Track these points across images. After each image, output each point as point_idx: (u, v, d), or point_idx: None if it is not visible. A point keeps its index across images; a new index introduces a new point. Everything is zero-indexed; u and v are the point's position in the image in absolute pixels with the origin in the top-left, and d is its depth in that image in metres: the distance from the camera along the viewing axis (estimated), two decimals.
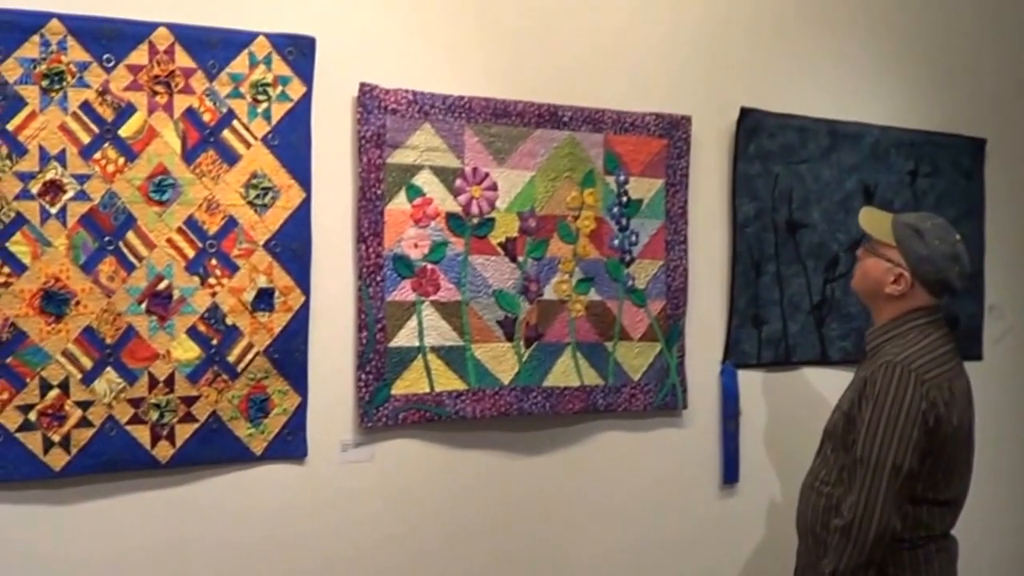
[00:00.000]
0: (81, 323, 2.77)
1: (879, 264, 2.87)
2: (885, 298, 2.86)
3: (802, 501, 2.95)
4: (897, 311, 2.85)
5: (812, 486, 2.90)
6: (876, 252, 2.89)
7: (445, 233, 3.22)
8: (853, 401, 2.77)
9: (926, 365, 2.72)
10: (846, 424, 2.79)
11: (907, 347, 2.76)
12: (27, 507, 2.76)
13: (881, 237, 2.88)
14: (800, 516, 2.95)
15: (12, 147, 2.70)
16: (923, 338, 2.79)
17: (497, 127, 3.29)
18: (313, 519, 3.10)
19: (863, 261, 2.94)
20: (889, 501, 2.64)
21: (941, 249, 2.80)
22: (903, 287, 2.82)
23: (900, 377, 2.68)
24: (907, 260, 2.82)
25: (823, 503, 2.83)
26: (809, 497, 2.90)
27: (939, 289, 2.83)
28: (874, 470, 2.64)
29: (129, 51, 2.82)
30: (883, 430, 2.66)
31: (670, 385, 3.61)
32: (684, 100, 3.64)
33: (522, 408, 3.34)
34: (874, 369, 2.74)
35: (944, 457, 2.73)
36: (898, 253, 2.83)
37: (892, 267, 2.84)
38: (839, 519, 2.68)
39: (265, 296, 2.97)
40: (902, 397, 2.66)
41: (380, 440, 3.19)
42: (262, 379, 2.98)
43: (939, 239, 2.81)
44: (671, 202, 3.59)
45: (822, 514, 2.83)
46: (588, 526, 3.55)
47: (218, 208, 2.92)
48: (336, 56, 3.07)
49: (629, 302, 3.52)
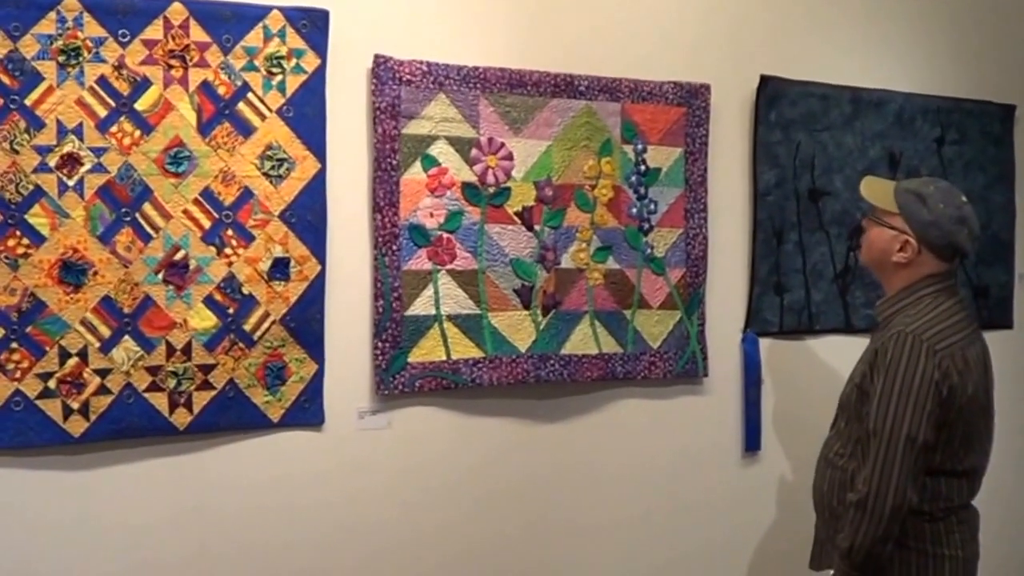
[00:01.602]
0: (99, 293, 2.78)
1: (884, 233, 2.79)
2: (893, 267, 2.78)
3: (818, 475, 2.87)
4: (907, 279, 2.76)
5: (827, 459, 2.84)
6: (880, 221, 2.81)
7: (461, 202, 3.19)
8: (865, 373, 2.68)
9: (939, 335, 2.64)
10: (859, 396, 2.71)
11: (919, 316, 2.67)
12: (47, 473, 2.78)
13: (884, 205, 2.80)
14: (816, 490, 2.88)
15: (30, 121, 2.71)
16: (935, 307, 2.71)
17: (512, 97, 3.24)
18: (330, 485, 3.10)
19: (868, 232, 2.87)
20: (904, 473, 2.56)
21: (947, 212, 2.71)
22: (910, 254, 2.74)
23: (912, 347, 2.60)
24: (911, 226, 2.73)
25: (838, 477, 2.76)
26: (825, 471, 2.83)
27: (948, 253, 2.74)
28: (887, 442, 2.55)
29: (144, 26, 2.82)
30: (896, 401, 2.58)
31: (690, 353, 3.55)
32: (703, 68, 3.57)
33: (539, 376, 3.31)
34: (885, 340, 2.66)
35: (960, 427, 2.65)
36: (902, 220, 2.75)
37: (897, 235, 2.75)
38: (854, 493, 2.60)
39: (281, 265, 2.96)
40: (914, 368, 2.58)
41: (397, 408, 3.17)
42: (279, 347, 2.97)
43: (943, 203, 2.72)
44: (690, 170, 3.53)
45: (838, 488, 2.76)
46: (607, 494, 3.52)
47: (234, 179, 2.91)
48: (350, 28, 3.04)
49: (648, 270, 3.47)
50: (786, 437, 3.74)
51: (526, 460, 3.38)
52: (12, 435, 2.73)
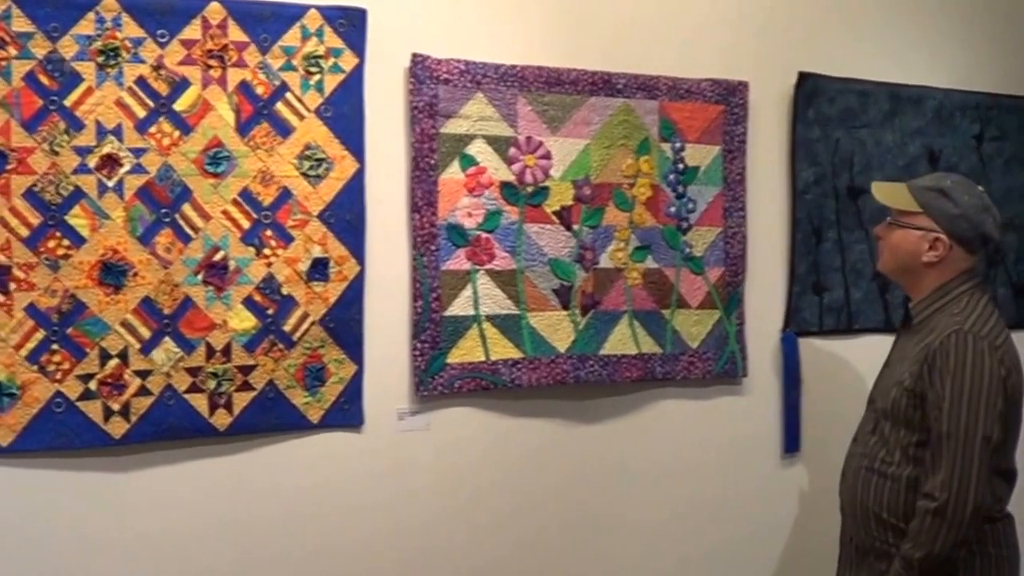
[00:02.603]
0: (139, 294, 2.75)
1: (909, 235, 2.70)
2: (923, 268, 2.70)
3: (861, 485, 2.74)
4: (940, 278, 2.70)
5: (873, 468, 2.70)
6: (902, 224, 2.73)
7: (499, 202, 3.14)
8: (918, 375, 2.58)
9: (992, 331, 2.58)
10: (910, 400, 2.60)
11: (967, 314, 2.60)
12: (88, 474, 2.76)
13: (905, 207, 2.71)
14: (856, 502, 2.75)
15: (70, 122, 2.68)
16: (976, 304, 2.65)
17: (550, 96, 3.20)
18: (369, 487, 3.06)
19: (889, 237, 2.78)
20: (983, 475, 2.48)
21: (971, 203, 2.65)
22: (942, 251, 2.67)
23: (975, 345, 2.53)
24: (940, 223, 2.66)
25: (889, 486, 2.65)
26: (869, 480, 2.71)
27: (978, 244, 2.68)
28: (964, 444, 2.46)
29: (182, 26, 2.79)
30: (968, 402, 2.49)
31: (729, 353, 3.49)
32: (741, 65, 3.51)
33: (578, 376, 3.26)
34: (942, 340, 2.56)
35: (1013, 426, 2.60)
36: (927, 219, 2.67)
37: (925, 234, 2.68)
38: (928, 501, 2.48)
39: (320, 266, 2.93)
40: (981, 366, 2.51)
41: (436, 409, 3.13)
42: (318, 348, 2.93)
43: (967, 194, 2.66)
44: (728, 169, 3.47)
45: (889, 497, 2.64)
46: (646, 495, 3.47)
47: (272, 180, 2.87)
48: (387, 27, 3.00)
49: (687, 270, 3.41)
50: (826, 438, 3.66)
51: (565, 461, 3.33)
52: (53, 437, 2.70)
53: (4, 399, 2.65)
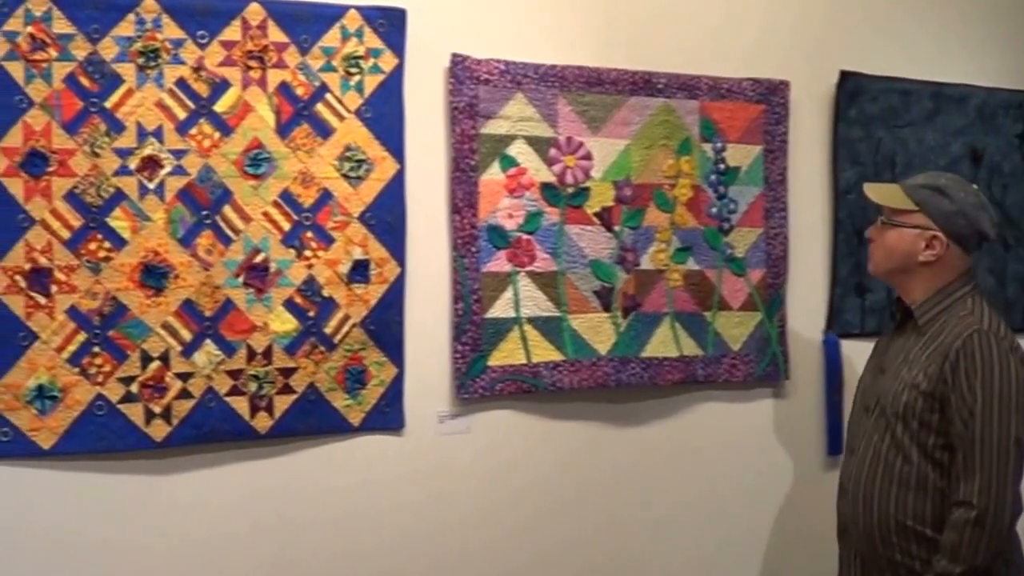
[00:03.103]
0: (180, 296, 2.71)
1: (905, 234, 2.60)
2: (919, 268, 2.60)
3: (877, 497, 2.57)
4: (938, 280, 2.61)
5: (892, 478, 2.54)
6: (897, 223, 2.62)
7: (540, 203, 3.09)
8: (937, 377, 2.46)
9: (1007, 332, 2.51)
10: (927, 403, 2.48)
11: (979, 315, 2.52)
12: (129, 477, 2.73)
13: (900, 205, 2.61)
14: (873, 515, 2.58)
15: (110, 124, 2.65)
16: (982, 305, 2.57)
17: (591, 95, 3.14)
18: (410, 490, 3.01)
19: (882, 238, 2.66)
20: (1019, 479, 2.40)
21: (968, 200, 2.57)
22: (939, 250, 2.57)
23: (998, 346, 2.45)
24: (936, 220, 2.56)
25: (914, 494, 2.51)
26: (888, 491, 2.54)
27: (975, 242, 2.60)
28: (998, 449, 2.36)
29: (222, 27, 2.75)
30: (1000, 404, 2.40)
31: (771, 355, 3.43)
32: (782, 64, 3.45)
33: (620, 379, 3.20)
34: (964, 339, 2.46)
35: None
36: (923, 216, 2.57)
37: (921, 232, 2.58)
38: (966, 509, 2.36)
39: (360, 268, 2.88)
40: (1007, 366, 2.43)
41: (477, 411, 3.08)
42: (359, 350, 2.89)
43: (962, 191, 2.59)
44: (770, 169, 3.41)
45: (915, 506, 2.50)
46: (687, 498, 3.40)
47: (312, 181, 2.83)
48: (427, 27, 2.96)
49: (728, 271, 3.35)
50: None
51: (606, 464, 3.27)
52: (95, 440, 2.66)
53: (46, 401, 2.62)
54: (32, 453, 2.62)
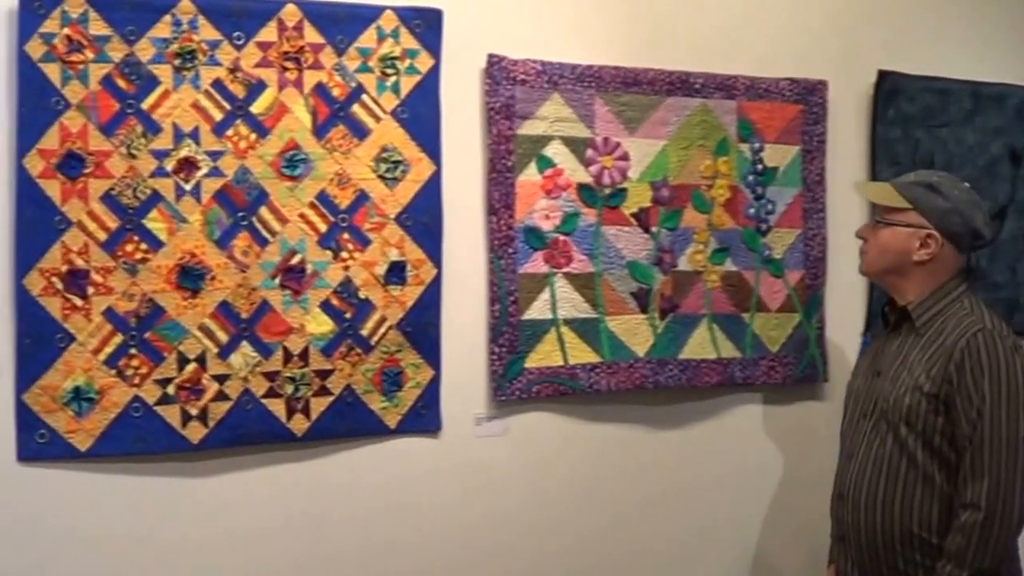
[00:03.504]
0: (217, 298, 2.62)
1: (898, 232, 2.47)
2: (913, 268, 2.47)
3: (881, 503, 2.42)
4: (933, 280, 2.47)
5: (897, 482, 2.40)
6: (890, 221, 2.49)
7: (577, 204, 2.98)
8: (941, 378, 2.33)
9: (1008, 331, 2.38)
10: (931, 404, 2.34)
11: (979, 314, 2.39)
12: (165, 479, 2.64)
13: (893, 203, 2.48)
14: (876, 522, 2.44)
15: (147, 125, 2.57)
16: (979, 305, 2.44)
17: (627, 96, 3.03)
18: (447, 492, 2.91)
19: (876, 236, 2.53)
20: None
21: (962, 198, 2.44)
22: (933, 248, 2.44)
23: (1002, 345, 2.31)
24: (931, 218, 2.43)
25: (922, 500, 2.37)
26: (893, 496, 2.40)
27: (969, 240, 2.47)
28: (1006, 449, 2.23)
29: (258, 28, 2.66)
30: (1008, 404, 2.27)
31: (810, 357, 3.29)
32: (819, 64, 3.32)
33: (657, 381, 3.08)
34: (967, 338, 2.31)
35: None
36: (917, 215, 2.45)
37: (915, 231, 2.44)
38: (973, 512, 2.24)
39: (397, 270, 2.78)
40: (1013, 366, 2.29)
41: (513, 414, 2.97)
42: (395, 352, 2.78)
43: (955, 188, 2.46)
44: (808, 169, 3.28)
45: (923, 512, 2.37)
46: (725, 500, 3.29)
47: (349, 182, 2.73)
48: (463, 27, 2.86)
49: (766, 272, 3.22)
50: None
51: (643, 466, 3.16)
52: (132, 442, 2.58)
53: (83, 403, 2.53)
54: (69, 455, 2.54)
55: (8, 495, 2.51)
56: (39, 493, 2.53)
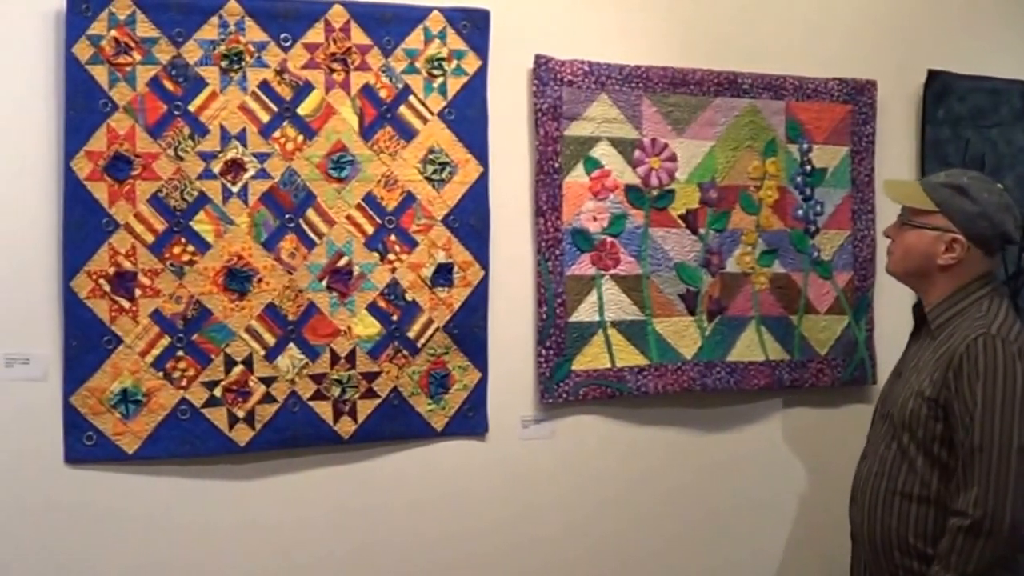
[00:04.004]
0: (264, 300, 2.50)
1: (924, 235, 2.29)
2: (938, 271, 2.29)
3: (881, 509, 2.27)
4: (956, 283, 2.28)
5: (895, 489, 2.25)
6: (916, 223, 2.31)
7: (624, 206, 2.83)
8: (941, 383, 2.16)
9: (1020, 336, 2.17)
10: (931, 411, 2.18)
11: (991, 317, 2.19)
12: (213, 481, 2.53)
13: (919, 205, 2.30)
14: (876, 528, 2.29)
15: (194, 127, 2.45)
16: (999, 308, 2.23)
17: (675, 97, 2.88)
18: (493, 495, 2.78)
19: (901, 238, 2.35)
20: (1021, 489, 2.07)
21: (991, 200, 2.24)
22: (959, 253, 2.25)
23: (1004, 350, 2.12)
24: (957, 222, 2.24)
25: (916, 508, 2.21)
26: (891, 503, 2.25)
27: (997, 245, 2.28)
28: (998, 456, 2.05)
29: (305, 30, 2.55)
30: (1002, 410, 2.08)
31: (859, 359, 3.13)
32: (868, 64, 3.16)
33: (705, 384, 2.93)
34: (968, 343, 2.13)
35: None
36: (943, 218, 2.26)
37: (941, 234, 2.26)
38: (959, 519, 2.08)
39: (444, 271, 2.65)
40: (1012, 371, 2.10)
41: (560, 416, 2.84)
42: (442, 355, 2.65)
43: (986, 191, 2.26)
44: (856, 170, 3.11)
45: (916, 521, 2.21)
46: (773, 503, 3.14)
47: (396, 184, 2.61)
48: (510, 28, 2.73)
49: (815, 274, 3.06)
50: None
51: (690, 469, 3.02)
52: (178, 444, 2.47)
53: (130, 406, 2.43)
54: (116, 457, 2.44)
55: (56, 497, 2.41)
56: (86, 495, 2.43)
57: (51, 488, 2.40)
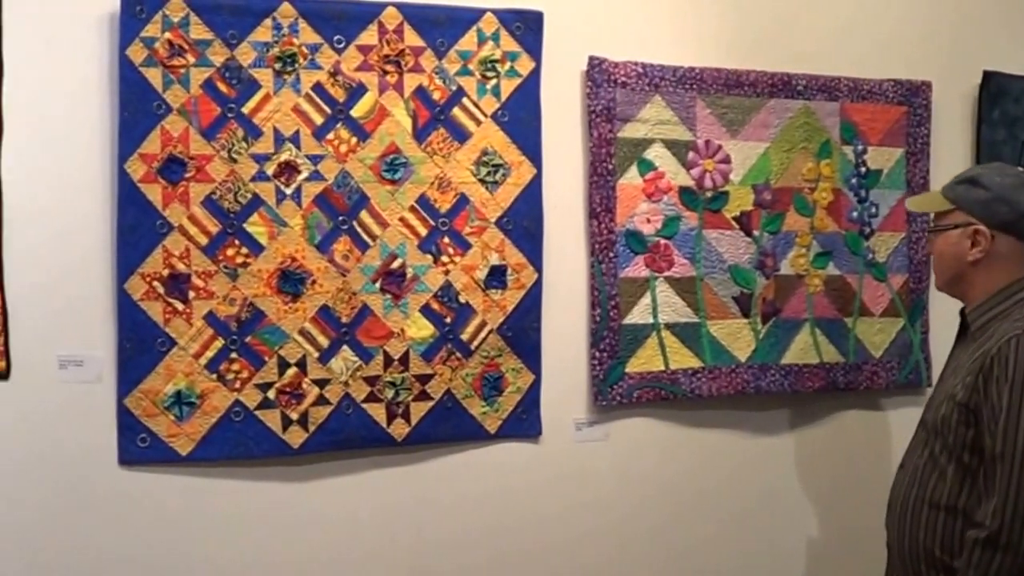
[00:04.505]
0: (317, 302, 2.25)
1: (949, 236, 1.98)
2: (972, 270, 1.96)
3: (910, 519, 1.95)
4: (994, 281, 1.94)
5: (924, 499, 1.93)
6: (940, 227, 2.02)
7: (678, 208, 2.54)
8: (972, 387, 1.84)
9: None
10: (961, 416, 1.86)
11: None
12: (266, 484, 2.28)
13: (938, 208, 2.02)
14: (905, 539, 1.97)
15: (248, 129, 2.21)
16: None
17: (729, 98, 2.58)
18: (548, 498, 2.51)
19: (933, 248, 2.06)
20: None
21: (1005, 183, 1.92)
22: (985, 244, 1.93)
23: None
24: (974, 212, 1.94)
25: (943, 520, 1.89)
26: (920, 513, 1.93)
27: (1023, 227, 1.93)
28: (1020, 465, 1.74)
29: (359, 32, 2.29)
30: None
31: (913, 362, 2.79)
32: (923, 65, 2.83)
33: (759, 386, 2.62)
34: (1000, 346, 1.81)
35: None
36: (962, 213, 1.96)
37: (963, 230, 1.95)
38: (976, 530, 1.78)
39: (497, 274, 2.39)
40: None
41: (614, 419, 2.55)
42: (495, 357, 2.38)
43: (998, 175, 1.94)
44: (912, 172, 2.78)
45: (943, 533, 1.88)
46: (828, 505, 2.82)
47: (449, 186, 2.34)
48: (564, 30, 2.46)
49: (869, 276, 2.74)
50: None
51: (745, 472, 2.72)
52: (232, 446, 2.22)
53: (184, 408, 2.18)
54: (169, 459, 2.20)
55: (109, 498, 2.18)
56: (140, 496, 2.19)
57: (105, 489, 2.17)
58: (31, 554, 2.12)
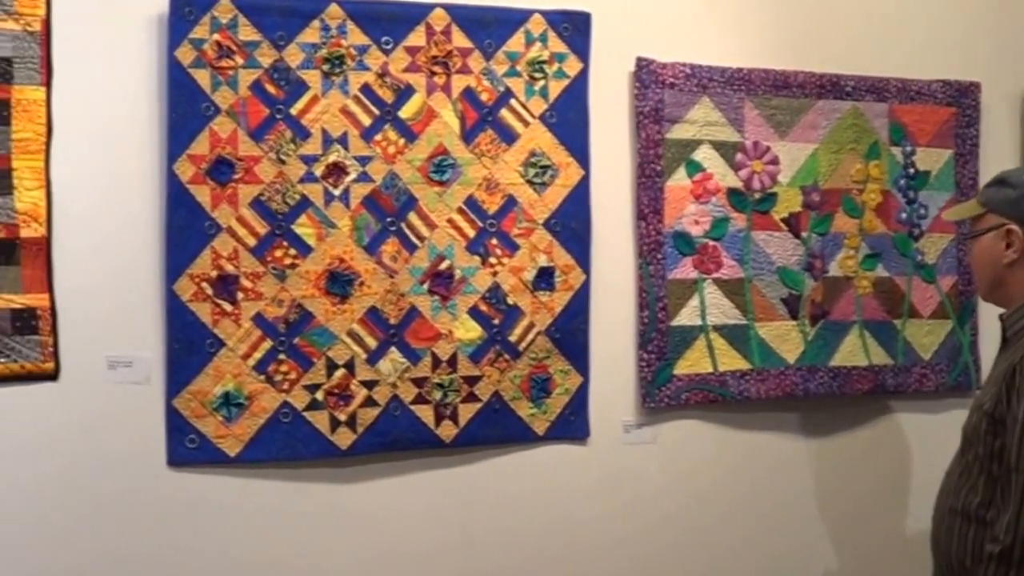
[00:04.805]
0: (365, 304, 2.10)
1: (984, 240, 1.84)
2: (1008, 273, 1.80)
3: (944, 530, 1.81)
4: None
5: (957, 510, 1.77)
6: (974, 232, 1.88)
7: (726, 209, 2.37)
8: (998, 397, 1.69)
9: None
10: (990, 426, 1.70)
11: None
12: (315, 485, 2.14)
13: (971, 213, 1.88)
14: (941, 550, 1.82)
15: (296, 131, 2.06)
16: None
17: (778, 99, 2.40)
18: (596, 500, 2.34)
19: (972, 256, 1.93)
20: None
21: None
22: (1018, 244, 1.77)
23: None
24: (1005, 213, 1.79)
25: (974, 531, 1.72)
26: (953, 524, 1.78)
27: None
28: None
29: (407, 33, 2.15)
30: None
31: (963, 364, 2.59)
32: (973, 65, 2.64)
33: (808, 389, 2.43)
34: (1023, 354, 1.66)
35: None
36: (994, 215, 1.81)
37: (997, 231, 1.80)
38: (993, 544, 1.63)
39: (545, 275, 2.23)
40: None
41: (662, 421, 2.38)
42: (543, 359, 2.22)
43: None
44: (961, 173, 2.58)
45: (974, 544, 1.72)
46: (876, 509, 2.63)
47: (497, 187, 2.19)
48: (612, 31, 2.29)
49: (918, 278, 2.54)
50: None
51: (794, 475, 2.54)
52: (280, 447, 2.08)
53: (232, 409, 2.04)
54: (218, 460, 2.06)
55: (158, 499, 2.04)
56: (189, 497, 2.06)
57: (154, 490, 2.04)
58: (79, 555, 1.99)
